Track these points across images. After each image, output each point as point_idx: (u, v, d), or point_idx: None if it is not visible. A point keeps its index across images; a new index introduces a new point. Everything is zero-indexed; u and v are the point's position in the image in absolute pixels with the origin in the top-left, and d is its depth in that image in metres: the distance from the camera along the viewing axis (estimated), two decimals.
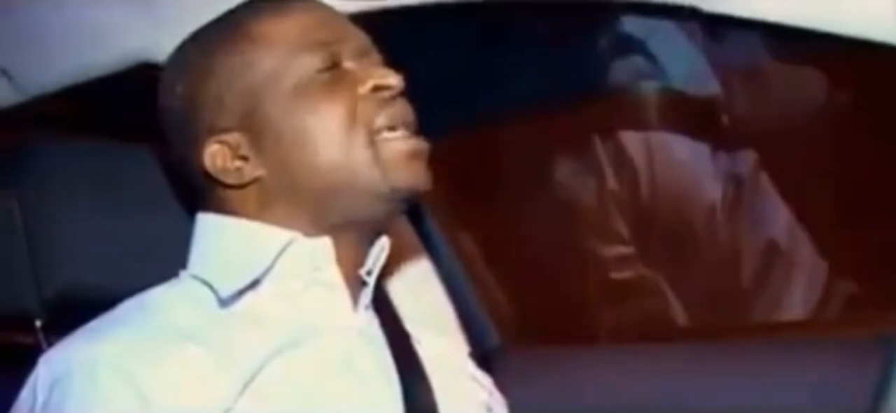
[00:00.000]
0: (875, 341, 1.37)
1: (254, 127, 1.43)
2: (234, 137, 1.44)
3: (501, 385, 1.64)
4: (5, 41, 1.65)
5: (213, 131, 1.44)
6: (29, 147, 1.61)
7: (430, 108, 1.48)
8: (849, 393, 1.40)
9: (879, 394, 1.30)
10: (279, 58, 1.43)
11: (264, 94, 1.43)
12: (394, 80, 1.44)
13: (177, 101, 1.48)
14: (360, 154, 1.41)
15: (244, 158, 1.44)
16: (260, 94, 1.43)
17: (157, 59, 1.56)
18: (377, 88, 1.44)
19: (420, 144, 1.45)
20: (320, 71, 1.44)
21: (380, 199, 1.43)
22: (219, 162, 1.44)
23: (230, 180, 1.44)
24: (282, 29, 1.45)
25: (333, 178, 1.42)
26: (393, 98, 1.44)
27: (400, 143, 1.43)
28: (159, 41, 1.54)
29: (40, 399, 1.35)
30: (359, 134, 1.42)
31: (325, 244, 1.43)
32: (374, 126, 1.42)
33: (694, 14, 1.48)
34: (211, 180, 1.45)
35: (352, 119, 1.42)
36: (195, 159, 1.45)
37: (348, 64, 1.45)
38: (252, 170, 1.43)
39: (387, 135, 1.43)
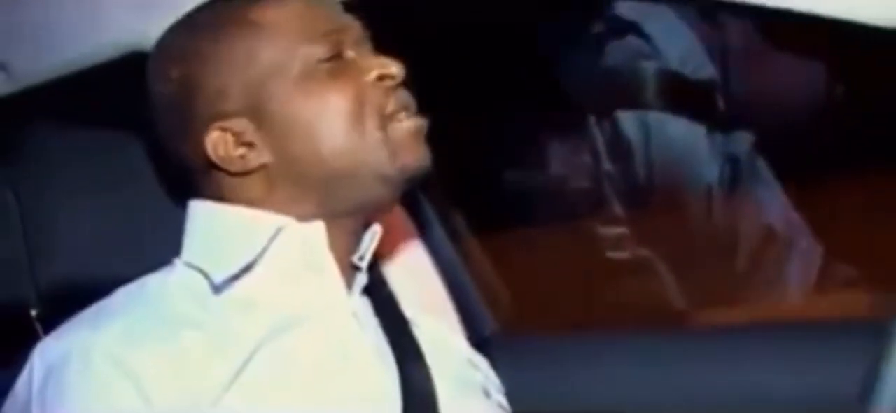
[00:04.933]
0: (870, 325, 1.36)
1: (259, 115, 1.43)
2: (238, 124, 1.43)
3: (498, 371, 1.65)
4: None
5: (215, 118, 1.44)
6: (24, 137, 1.61)
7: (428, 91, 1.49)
8: (843, 376, 1.40)
9: (873, 378, 1.30)
10: (284, 48, 1.44)
11: (269, 84, 1.43)
12: (396, 69, 1.45)
13: (170, 85, 1.47)
14: (372, 137, 1.43)
15: (248, 145, 1.44)
16: (265, 83, 1.43)
17: (150, 48, 1.56)
18: (381, 78, 1.45)
19: (424, 123, 1.47)
20: (324, 60, 1.44)
21: (386, 181, 1.44)
22: (221, 149, 1.44)
23: (234, 168, 1.44)
24: (284, 17, 1.45)
25: (339, 165, 1.42)
26: (397, 85, 1.46)
27: (408, 123, 1.45)
28: (152, 29, 1.53)
29: (36, 387, 1.36)
30: (370, 119, 1.43)
31: (317, 229, 1.44)
32: (385, 111, 1.44)
33: None
34: (211, 167, 1.45)
35: (361, 106, 1.43)
36: (192, 146, 1.45)
37: (350, 53, 1.46)
38: (257, 157, 1.44)
39: (397, 118, 1.44)
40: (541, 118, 2.48)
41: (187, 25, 1.49)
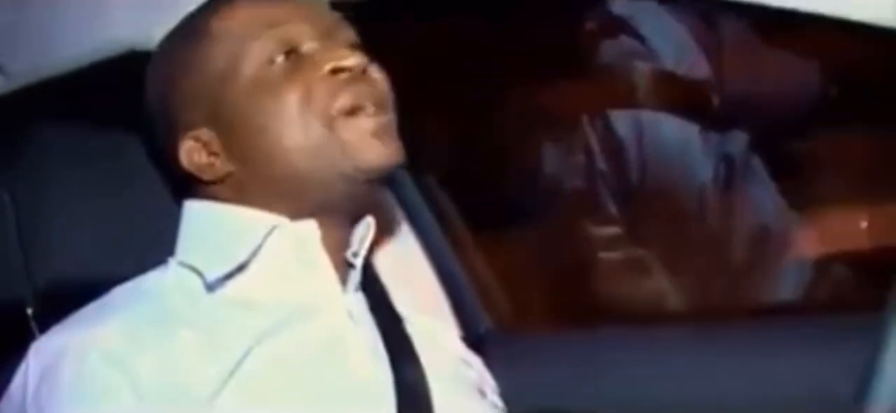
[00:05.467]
0: (865, 320, 1.36)
1: (220, 122, 1.44)
2: (204, 134, 1.44)
3: (492, 369, 1.65)
4: None
5: (187, 128, 1.45)
6: (20, 137, 1.61)
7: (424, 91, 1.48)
8: (838, 374, 1.40)
9: (869, 373, 1.30)
10: (232, 51, 1.43)
11: (224, 89, 1.43)
12: (353, 61, 1.42)
13: (153, 98, 1.50)
14: (317, 136, 1.40)
15: (216, 154, 1.44)
16: (220, 89, 1.43)
17: (148, 47, 1.56)
18: (336, 71, 1.42)
19: (383, 120, 1.43)
20: (276, 59, 1.43)
21: (348, 180, 1.42)
22: (194, 158, 1.45)
23: (206, 176, 1.45)
24: (234, 22, 1.45)
25: (299, 164, 1.41)
26: (354, 78, 1.43)
27: (361, 122, 1.42)
28: (150, 28, 1.54)
29: (31, 386, 1.36)
30: (315, 116, 1.40)
31: (310, 227, 1.44)
32: (332, 108, 1.41)
33: None
34: (190, 175, 1.46)
35: (307, 102, 1.41)
36: (173, 154, 1.46)
37: (308, 47, 1.44)
38: (223, 165, 1.44)
39: (348, 116, 1.41)
40: (535, 118, 2.48)
41: (167, 39, 1.52)
